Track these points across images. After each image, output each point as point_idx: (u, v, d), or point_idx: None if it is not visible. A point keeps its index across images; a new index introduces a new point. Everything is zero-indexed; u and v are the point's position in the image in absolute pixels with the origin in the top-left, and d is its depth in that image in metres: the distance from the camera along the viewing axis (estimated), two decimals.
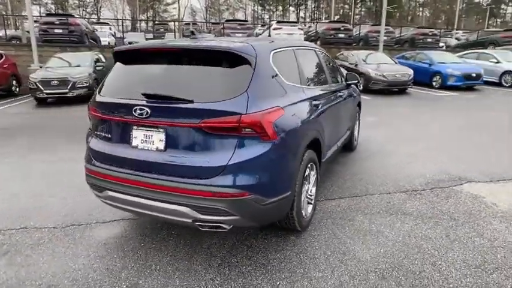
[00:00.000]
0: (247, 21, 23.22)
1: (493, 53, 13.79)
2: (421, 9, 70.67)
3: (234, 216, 2.30)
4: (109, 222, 3.28)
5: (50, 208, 3.58)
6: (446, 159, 5.04)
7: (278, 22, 18.58)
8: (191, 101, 2.29)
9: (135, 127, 2.49)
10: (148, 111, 2.35)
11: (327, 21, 24.25)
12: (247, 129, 2.25)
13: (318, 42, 17.62)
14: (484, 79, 12.78)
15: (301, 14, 73.17)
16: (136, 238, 3.00)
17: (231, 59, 2.40)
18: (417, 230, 3.11)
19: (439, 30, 22.53)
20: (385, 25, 17.17)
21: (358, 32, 20.31)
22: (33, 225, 3.25)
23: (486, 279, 2.45)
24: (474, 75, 12.03)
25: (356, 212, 3.44)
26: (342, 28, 17.85)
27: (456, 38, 28.44)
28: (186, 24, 29.95)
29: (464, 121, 7.86)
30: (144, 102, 2.39)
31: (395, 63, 12.86)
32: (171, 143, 2.38)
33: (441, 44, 22.32)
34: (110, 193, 2.61)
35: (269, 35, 16.45)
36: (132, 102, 2.42)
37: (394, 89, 11.88)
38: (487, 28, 36.63)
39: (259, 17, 72.22)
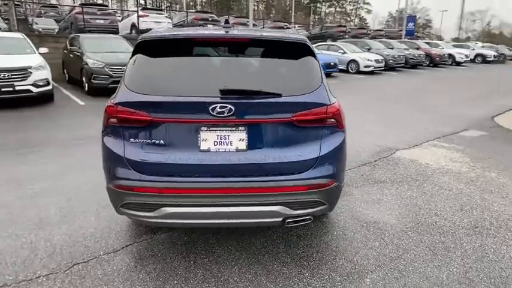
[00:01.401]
0: (107, 6, 20.61)
1: (340, 45, 16.68)
2: (255, 3, 77.61)
3: (324, 206, 2.35)
4: (123, 249, 2.72)
5: (15, 253, 2.67)
6: (364, 134, 6.04)
7: (144, 9, 17.34)
8: (279, 95, 2.18)
9: (204, 128, 2.17)
10: (232, 108, 2.11)
11: (194, 10, 24.00)
12: (329, 120, 2.31)
13: None
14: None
15: (149, 1, 69.72)
16: (177, 258, 2.61)
17: (299, 50, 2.38)
18: (402, 193, 3.78)
19: (287, 24, 25.46)
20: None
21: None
22: (15, 279, 2.39)
23: (473, 216, 3.27)
24: (332, 63, 14.35)
25: (349, 187, 3.88)
26: (210, 19, 18.12)
27: None
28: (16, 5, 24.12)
29: (345, 102, 9.39)
30: (219, 99, 2.12)
31: None
32: (254, 140, 2.21)
33: None
34: (169, 210, 2.21)
35: (137, 24, 15.20)
36: (206, 99, 2.11)
37: None
38: (312, 23, 43.29)
39: (103, 1, 64.81)
